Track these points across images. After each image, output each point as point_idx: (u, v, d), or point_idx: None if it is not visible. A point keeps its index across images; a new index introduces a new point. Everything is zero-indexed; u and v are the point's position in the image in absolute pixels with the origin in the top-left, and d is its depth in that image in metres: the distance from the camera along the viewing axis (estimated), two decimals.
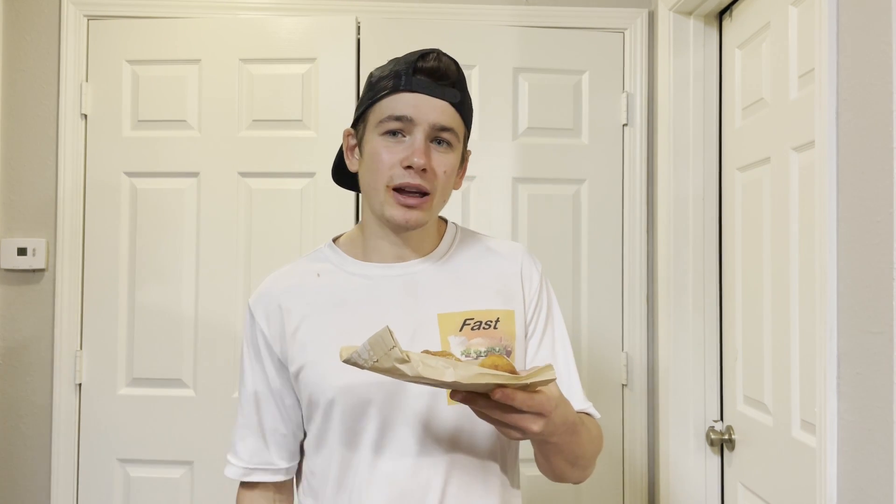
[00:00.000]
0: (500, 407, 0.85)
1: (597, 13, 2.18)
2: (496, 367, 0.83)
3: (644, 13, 2.18)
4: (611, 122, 2.18)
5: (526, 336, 1.12)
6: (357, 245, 1.14)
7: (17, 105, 2.12)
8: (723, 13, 2.02)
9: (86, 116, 2.13)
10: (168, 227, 2.11)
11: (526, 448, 1.10)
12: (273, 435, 1.13)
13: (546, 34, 2.17)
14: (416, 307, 1.07)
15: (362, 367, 0.82)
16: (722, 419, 2.00)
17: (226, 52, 2.12)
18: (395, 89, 1.03)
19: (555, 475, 1.06)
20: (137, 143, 2.12)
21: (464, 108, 1.08)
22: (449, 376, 0.80)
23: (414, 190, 1.03)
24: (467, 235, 1.18)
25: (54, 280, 2.09)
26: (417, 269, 1.10)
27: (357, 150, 1.11)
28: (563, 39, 2.17)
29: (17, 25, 2.12)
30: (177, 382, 2.10)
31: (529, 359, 1.11)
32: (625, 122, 2.18)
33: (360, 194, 1.11)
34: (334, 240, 1.18)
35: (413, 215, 1.04)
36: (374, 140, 1.05)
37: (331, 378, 1.04)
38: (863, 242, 1.15)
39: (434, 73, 1.04)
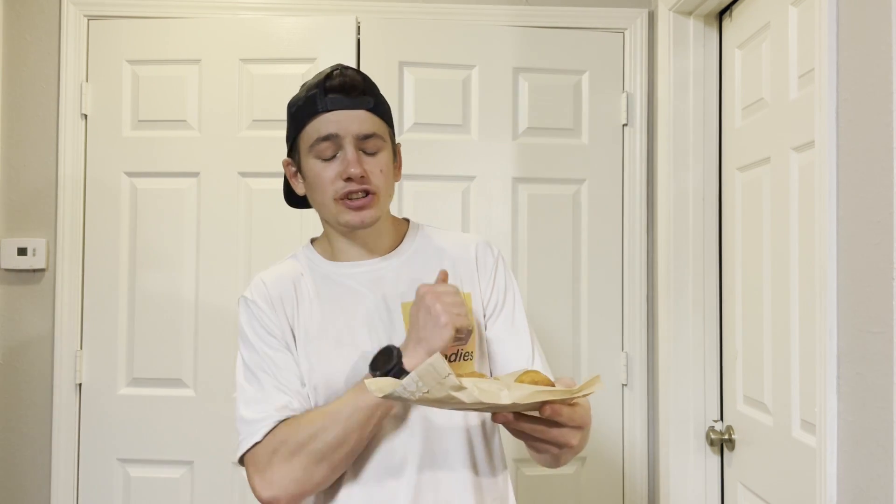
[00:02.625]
0: (545, 423, 0.88)
1: (597, 13, 2.19)
2: (536, 382, 0.85)
3: (644, 13, 2.18)
4: (611, 122, 2.18)
5: (485, 316, 1.21)
6: (326, 248, 1.24)
7: (18, 105, 2.12)
8: (723, 13, 2.02)
9: (86, 116, 2.13)
10: (168, 227, 2.11)
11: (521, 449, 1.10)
12: (285, 379, 1.16)
13: (546, 34, 2.17)
14: (380, 299, 1.17)
15: (407, 400, 0.82)
16: (722, 419, 2.00)
17: (226, 52, 2.12)
18: (314, 113, 1.13)
19: (555, 465, 1.10)
20: (137, 143, 2.12)
21: (380, 109, 1.17)
22: (505, 398, 0.80)
23: (359, 192, 1.13)
24: (427, 232, 1.27)
25: (54, 280, 2.09)
26: (381, 265, 1.20)
27: (298, 174, 1.21)
28: (563, 39, 2.17)
29: (18, 25, 2.12)
30: (177, 382, 2.10)
31: (496, 338, 1.19)
32: (625, 122, 2.18)
33: (314, 210, 1.22)
34: (312, 241, 1.28)
35: (366, 214, 1.14)
36: (310, 162, 1.15)
37: (314, 369, 1.15)
38: (863, 242, 1.15)
39: (343, 88, 1.13)
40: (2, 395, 2.10)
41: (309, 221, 2.10)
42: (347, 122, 1.13)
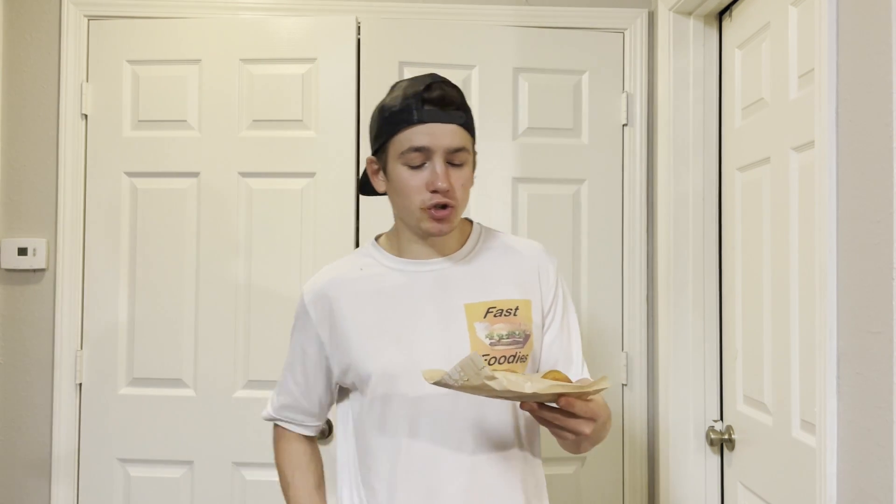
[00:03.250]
0: (562, 413, 1.03)
1: (597, 13, 2.19)
2: (556, 379, 1.01)
3: (644, 13, 2.18)
4: (611, 122, 2.18)
5: (543, 324, 1.28)
6: (394, 244, 1.30)
7: (18, 105, 2.12)
8: (723, 13, 2.02)
9: (86, 116, 2.13)
10: (168, 227, 2.11)
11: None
12: (295, 397, 1.34)
13: (546, 34, 2.17)
14: (445, 298, 1.23)
15: (451, 387, 0.99)
16: (722, 419, 2.00)
17: (226, 52, 2.12)
18: (409, 122, 1.18)
19: (577, 451, 1.23)
20: (138, 144, 2.12)
21: (469, 123, 1.23)
22: (528, 388, 0.97)
23: (442, 206, 1.19)
24: (490, 234, 1.34)
25: (55, 280, 2.09)
26: (446, 265, 1.27)
27: (381, 173, 1.26)
28: (563, 39, 2.18)
29: (18, 25, 2.12)
30: (177, 382, 2.10)
31: (546, 345, 1.28)
32: (625, 122, 2.18)
33: (392, 206, 1.29)
34: (376, 238, 1.34)
35: (445, 225, 1.21)
36: (398, 168, 1.20)
37: (369, 360, 1.23)
38: (863, 242, 1.15)
39: (440, 102, 1.18)
40: (2, 395, 2.10)
41: (309, 221, 2.11)
42: (440, 135, 1.17)
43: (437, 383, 0.99)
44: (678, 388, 2.02)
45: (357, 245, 2.10)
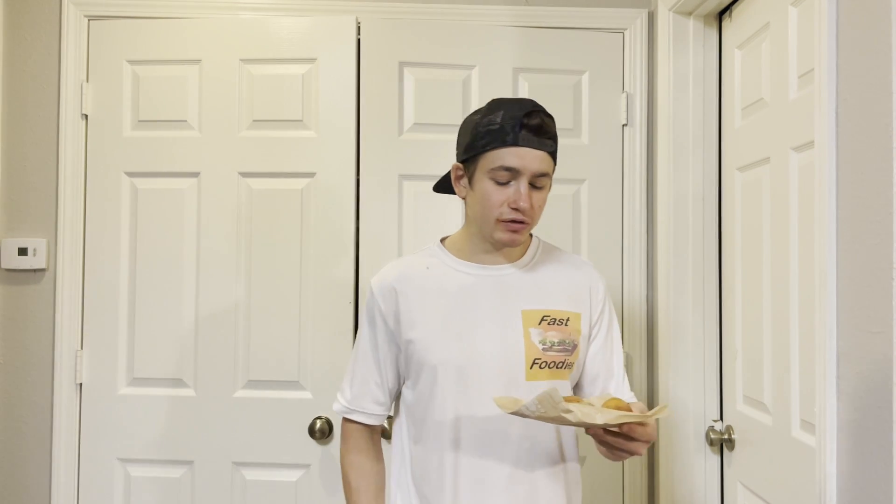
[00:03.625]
0: (623, 437, 1.15)
1: (597, 13, 2.19)
2: (619, 407, 1.13)
3: (644, 13, 2.19)
4: (611, 122, 2.18)
5: (589, 337, 1.39)
6: (459, 248, 1.40)
7: (18, 105, 2.12)
8: (722, 13, 2.02)
9: (86, 116, 2.13)
10: (168, 227, 2.11)
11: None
12: (369, 385, 1.40)
13: (546, 34, 2.17)
14: (504, 302, 1.34)
15: (526, 416, 1.12)
16: (721, 419, 2.00)
17: (226, 52, 2.12)
18: (505, 143, 1.27)
19: (616, 460, 1.31)
20: (138, 144, 2.12)
21: (555, 152, 1.33)
22: (599, 420, 1.09)
23: (518, 221, 1.29)
24: (547, 248, 1.45)
25: (55, 280, 2.09)
26: (507, 272, 1.37)
27: (464, 180, 1.36)
28: (563, 39, 2.18)
29: (18, 25, 2.12)
30: (177, 382, 2.10)
31: (591, 356, 1.40)
32: (625, 122, 2.18)
33: (466, 210, 1.40)
34: (441, 240, 1.44)
35: (517, 238, 1.32)
36: (485, 181, 1.30)
37: (432, 351, 1.33)
38: (863, 242, 1.15)
39: (537, 130, 1.27)
40: (2, 395, 2.10)
41: (309, 221, 2.11)
42: (530, 159, 1.27)
43: (513, 412, 1.11)
44: (678, 388, 2.02)
45: (357, 245, 2.10)
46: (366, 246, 2.11)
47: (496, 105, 1.31)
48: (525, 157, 1.27)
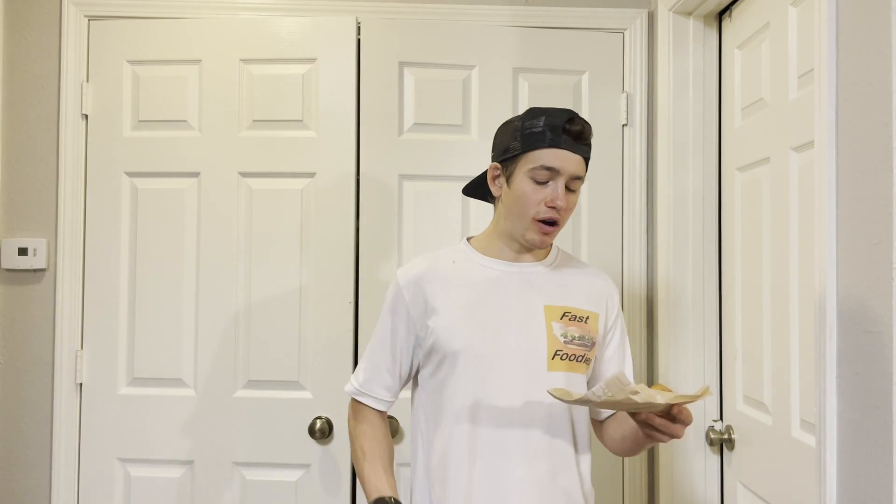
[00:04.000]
0: (669, 419, 1.20)
1: (597, 13, 2.19)
2: (666, 391, 1.17)
3: (644, 13, 2.19)
4: (610, 122, 2.18)
5: (603, 340, 1.46)
6: (486, 245, 1.46)
7: (18, 105, 2.12)
8: (722, 13, 2.02)
9: (86, 116, 2.13)
10: (168, 227, 2.11)
11: None
12: (380, 371, 1.46)
13: (546, 34, 2.17)
14: (527, 297, 1.40)
15: (592, 402, 1.15)
16: (721, 419, 2.00)
17: (226, 52, 2.12)
18: (546, 145, 1.34)
19: (618, 452, 1.46)
20: (138, 144, 2.12)
21: (589, 158, 1.40)
22: (660, 400, 1.15)
23: (551, 222, 1.36)
24: (566, 255, 1.53)
25: (55, 280, 2.09)
26: (531, 270, 1.44)
27: (501, 179, 1.42)
28: (563, 39, 2.18)
29: (18, 25, 2.12)
30: (177, 382, 2.10)
31: (606, 360, 1.47)
32: (624, 122, 2.18)
33: (497, 210, 1.46)
34: (468, 239, 1.50)
35: (547, 239, 1.39)
36: (523, 180, 1.36)
37: (456, 338, 1.38)
38: (863, 242, 1.15)
39: (578, 136, 1.35)
40: (2, 395, 2.10)
41: (309, 221, 2.11)
42: (569, 162, 1.34)
43: (577, 402, 1.16)
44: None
45: (357, 245, 2.10)
46: (366, 246, 2.11)
47: (538, 111, 1.37)
48: (565, 159, 1.34)
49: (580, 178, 1.37)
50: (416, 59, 2.13)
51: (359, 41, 2.13)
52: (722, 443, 1.96)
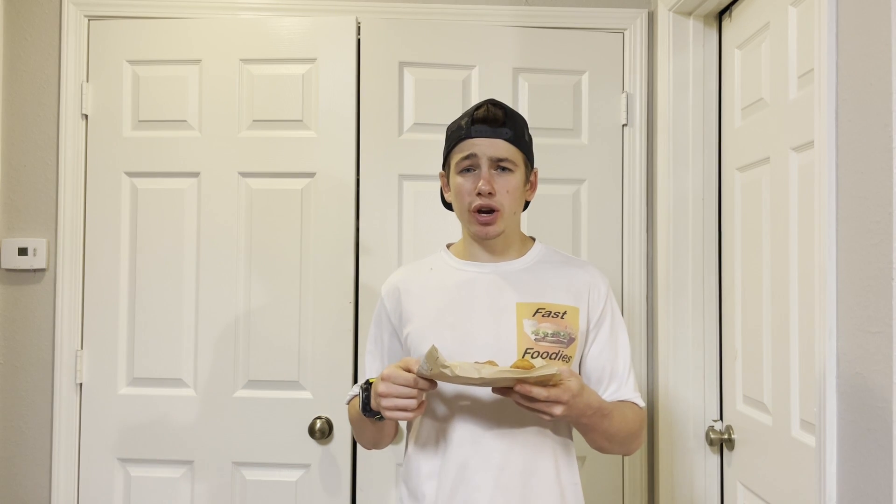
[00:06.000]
0: (525, 398, 1.18)
1: (597, 13, 2.19)
2: (521, 367, 1.15)
3: (644, 13, 2.19)
4: (610, 122, 2.18)
5: (588, 333, 1.41)
6: (462, 249, 1.48)
7: (18, 105, 2.12)
8: (722, 13, 2.02)
9: (86, 116, 2.13)
10: (168, 227, 2.11)
11: None
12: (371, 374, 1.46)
13: (546, 34, 2.17)
14: (499, 297, 1.39)
15: (424, 377, 1.20)
16: (721, 419, 2.00)
17: (226, 52, 2.12)
18: (462, 137, 1.38)
19: (596, 447, 1.39)
20: (138, 144, 2.12)
21: (517, 140, 1.39)
22: (476, 374, 1.14)
23: (486, 210, 1.36)
24: (551, 252, 1.49)
25: (55, 280, 2.09)
26: (507, 268, 1.43)
27: (447, 185, 1.46)
28: (563, 39, 2.18)
29: (18, 25, 2.12)
30: (177, 382, 2.10)
31: (593, 356, 1.42)
32: (624, 122, 2.18)
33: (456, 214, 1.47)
34: (448, 246, 1.52)
35: (490, 229, 1.37)
36: (455, 177, 1.40)
37: (425, 342, 1.37)
38: (862, 242, 1.15)
39: (489, 120, 1.37)
40: (2, 395, 2.10)
41: (309, 221, 2.11)
42: (485, 146, 1.36)
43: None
44: (678, 388, 2.02)
45: (357, 245, 2.10)
46: (366, 246, 2.11)
47: (464, 113, 1.41)
48: (480, 145, 1.36)
49: (506, 160, 1.37)
50: (416, 59, 2.13)
51: (359, 41, 2.13)
52: (722, 443, 1.96)
